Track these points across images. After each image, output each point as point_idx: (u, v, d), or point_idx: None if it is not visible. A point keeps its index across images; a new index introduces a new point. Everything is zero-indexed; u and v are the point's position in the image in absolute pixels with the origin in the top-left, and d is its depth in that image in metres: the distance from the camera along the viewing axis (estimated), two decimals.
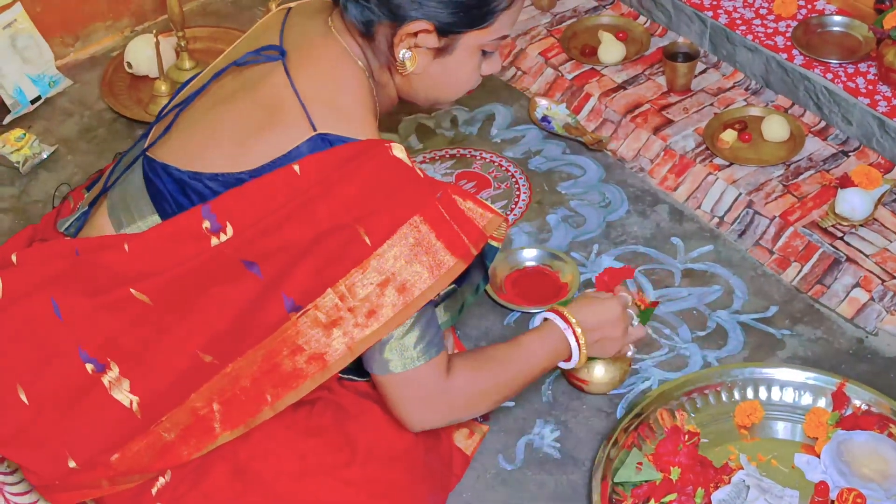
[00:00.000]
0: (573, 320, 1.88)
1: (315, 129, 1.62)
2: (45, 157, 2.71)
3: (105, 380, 1.67)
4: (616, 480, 1.92)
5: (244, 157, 1.64)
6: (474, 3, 1.64)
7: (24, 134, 2.72)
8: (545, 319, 1.91)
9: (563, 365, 1.92)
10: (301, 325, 1.63)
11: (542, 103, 2.74)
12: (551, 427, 2.09)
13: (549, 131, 2.72)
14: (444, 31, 1.65)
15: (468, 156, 2.69)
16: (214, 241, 1.62)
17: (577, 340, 1.88)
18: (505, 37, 1.72)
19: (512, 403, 2.12)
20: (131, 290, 1.64)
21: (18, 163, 2.68)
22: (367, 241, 1.59)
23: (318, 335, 1.63)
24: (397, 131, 2.75)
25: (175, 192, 1.68)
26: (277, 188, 1.61)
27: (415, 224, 1.60)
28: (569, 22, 2.95)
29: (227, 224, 1.62)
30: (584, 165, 2.64)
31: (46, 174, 2.68)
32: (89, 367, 1.67)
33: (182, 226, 1.64)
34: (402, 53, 1.67)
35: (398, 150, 1.62)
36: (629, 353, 2.01)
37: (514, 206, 2.55)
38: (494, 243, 1.73)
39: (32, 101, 2.85)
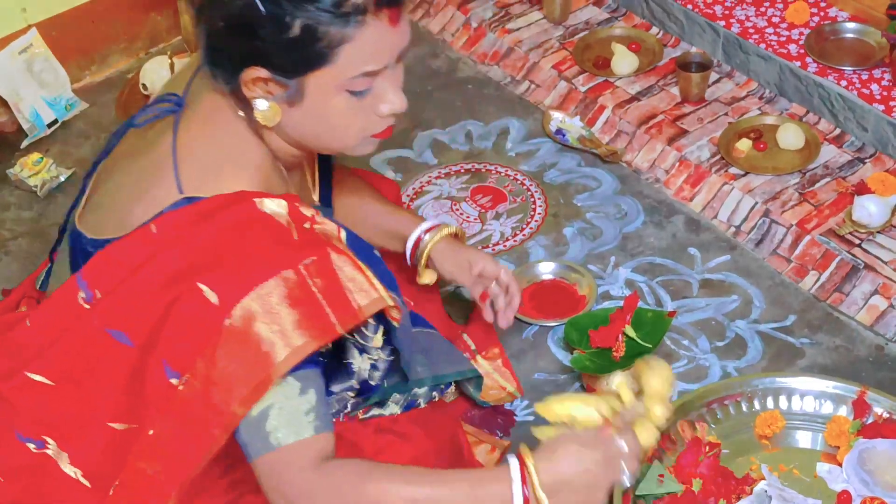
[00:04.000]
0: (533, 474, 1.48)
1: (182, 192, 1.50)
2: (62, 180, 2.73)
3: (51, 453, 1.58)
4: (638, 493, 1.92)
5: (127, 223, 1.52)
6: (297, 42, 1.44)
7: (42, 158, 2.74)
8: (505, 460, 1.53)
9: None
10: (186, 393, 1.46)
11: (557, 116, 2.74)
12: None
13: (564, 144, 2.73)
14: (281, 75, 1.47)
15: (483, 170, 2.69)
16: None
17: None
18: (375, 72, 1.49)
19: (532, 417, 2.12)
20: (26, 373, 1.55)
21: (36, 186, 2.70)
22: (216, 302, 1.42)
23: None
24: (412, 147, 2.76)
25: (78, 259, 1.57)
26: (136, 250, 1.48)
27: (267, 289, 1.42)
28: (581, 34, 2.95)
29: (96, 292, 1.50)
30: (600, 177, 2.65)
31: (64, 197, 2.70)
32: (30, 446, 1.58)
33: (61, 298, 1.54)
34: (259, 104, 1.51)
35: (273, 205, 1.48)
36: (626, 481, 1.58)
37: (529, 220, 2.55)
38: (394, 322, 1.60)
39: (49, 125, 2.87)
